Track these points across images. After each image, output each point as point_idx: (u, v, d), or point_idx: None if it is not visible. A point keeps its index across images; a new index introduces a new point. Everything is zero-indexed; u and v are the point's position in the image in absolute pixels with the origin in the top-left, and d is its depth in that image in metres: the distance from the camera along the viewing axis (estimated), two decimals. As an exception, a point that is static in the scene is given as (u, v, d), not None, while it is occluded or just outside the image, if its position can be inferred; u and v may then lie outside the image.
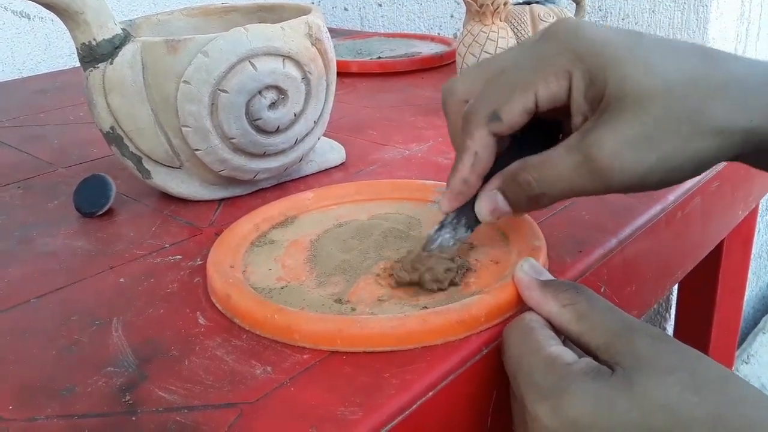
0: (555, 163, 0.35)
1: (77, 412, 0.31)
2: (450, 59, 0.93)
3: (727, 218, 0.63)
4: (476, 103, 0.37)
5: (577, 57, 0.34)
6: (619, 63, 0.33)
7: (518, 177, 0.36)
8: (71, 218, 0.52)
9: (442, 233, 0.40)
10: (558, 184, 0.35)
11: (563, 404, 0.30)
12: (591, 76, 0.33)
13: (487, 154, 0.37)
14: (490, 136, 0.36)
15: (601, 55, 0.33)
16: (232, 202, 0.54)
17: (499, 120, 0.36)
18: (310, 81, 0.51)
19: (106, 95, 0.49)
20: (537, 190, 0.36)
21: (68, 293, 0.42)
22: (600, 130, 0.33)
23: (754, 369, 1.27)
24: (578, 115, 0.35)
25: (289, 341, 0.35)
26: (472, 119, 0.37)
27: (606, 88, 0.33)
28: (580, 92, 0.34)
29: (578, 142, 0.34)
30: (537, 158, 0.36)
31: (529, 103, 0.35)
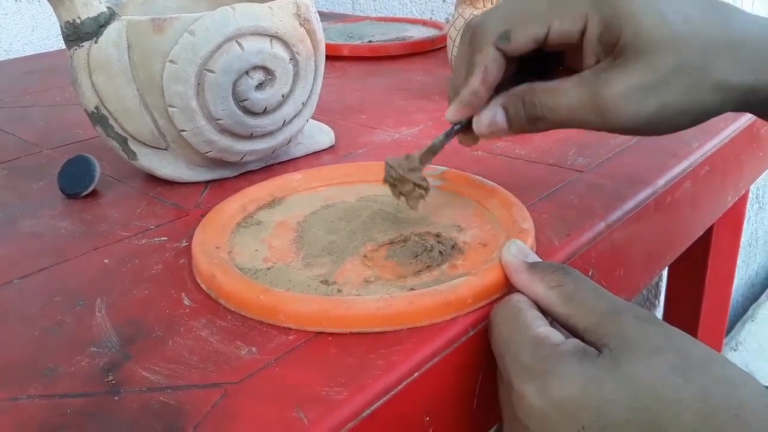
0: (563, 92, 0.37)
1: (60, 392, 0.31)
2: (442, 43, 0.93)
3: (716, 204, 0.63)
4: (488, 21, 0.38)
5: (596, 2, 0.36)
6: (636, 14, 0.35)
7: (525, 96, 0.38)
8: (56, 199, 0.52)
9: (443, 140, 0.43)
10: (560, 111, 0.37)
11: (550, 385, 0.29)
12: (607, 23, 0.36)
13: (496, 68, 0.39)
14: (497, 53, 0.38)
15: (619, 5, 0.35)
16: (219, 184, 0.53)
17: (507, 40, 0.37)
18: (299, 62, 0.51)
19: (90, 74, 0.48)
20: (539, 113, 0.38)
21: (52, 274, 0.41)
22: (612, 71, 0.36)
23: (742, 356, 1.28)
24: (591, 55, 0.37)
25: (275, 322, 0.35)
26: (482, 37, 0.38)
27: (621, 35, 0.35)
28: (594, 35, 0.36)
29: (590, 80, 0.36)
30: (546, 84, 0.38)
31: (541, 34, 0.37)
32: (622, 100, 0.35)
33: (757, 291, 1.52)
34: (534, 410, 0.30)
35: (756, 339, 1.32)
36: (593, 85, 0.36)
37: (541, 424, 0.30)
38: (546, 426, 0.29)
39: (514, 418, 0.32)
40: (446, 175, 0.49)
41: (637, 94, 0.35)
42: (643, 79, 0.35)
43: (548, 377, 0.30)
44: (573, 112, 0.37)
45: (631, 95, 0.35)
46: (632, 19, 0.35)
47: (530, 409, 0.30)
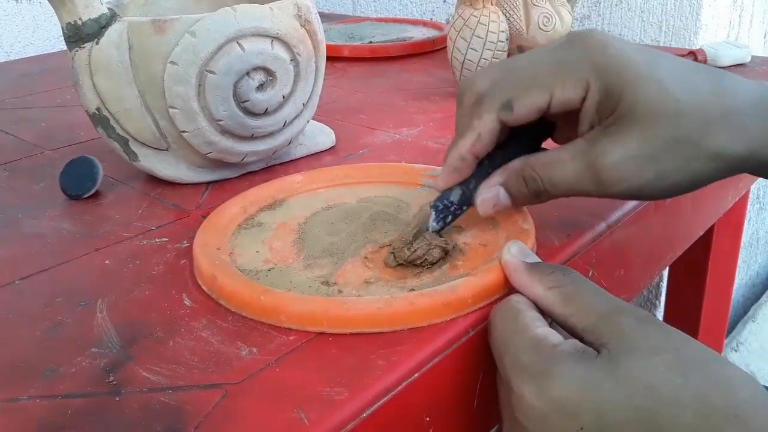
0: (561, 165, 0.37)
1: (61, 393, 0.31)
2: (442, 44, 0.93)
3: (716, 204, 0.63)
4: (493, 89, 0.38)
5: (599, 70, 0.35)
6: (637, 82, 0.35)
7: (524, 173, 0.38)
8: (57, 200, 0.52)
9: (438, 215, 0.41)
10: (561, 185, 0.37)
11: (549, 385, 0.30)
12: (607, 91, 0.35)
13: (489, 138, 0.38)
14: (497, 123, 0.38)
15: (621, 73, 0.35)
16: (220, 185, 0.54)
17: (510, 110, 0.37)
18: (299, 62, 0.51)
19: (92, 76, 0.48)
20: (542, 187, 0.38)
21: (53, 274, 0.42)
22: (607, 141, 0.35)
23: (743, 356, 1.28)
24: (586, 122, 0.37)
25: (276, 322, 0.35)
26: (485, 102, 0.38)
27: (619, 103, 0.35)
28: (593, 103, 0.36)
29: (585, 150, 0.36)
30: (543, 157, 0.38)
31: (543, 102, 0.36)
32: (618, 170, 0.35)
33: (758, 291, 1.52)
34: (533, 411, 0.30)
35: (757, 339, 1.32)
36: (589, 156, 0.36)
37: (540, 424, 0.30)
38: (545, 427, 0.30)
39: (513, 419, 0.32)
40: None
41: (633, 163, 0.35)
42: (640, 150, 0.35)
43: (547, 377, 0.30)
44: (573, 184, 0.37)
45: (628, 165, 0.35)
46: (632, 87, 0.35)
47: (530, 410, 0.30)
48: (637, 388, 0.28)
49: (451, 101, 0.71)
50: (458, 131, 0.40)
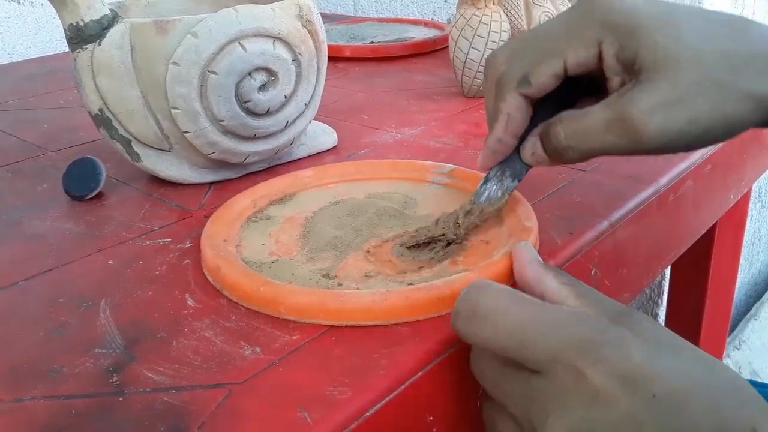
0: (588, 118, 0.37)
1: (64, 393, 0.31)
2: (443, 44, 0.93)
3: (719, 202, 0.63)
4: (507, 69, 0.39)
5: (606, 26, 0.36)
6: (650, 30, 0.35)
7: (550, 128, 0.38)
8: (60, 201, 0.52)
9: (489, 186, 0.42)
10: (586, 139, 0.37)
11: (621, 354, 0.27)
12: (621, 42, 0.36)
13: (521, 115, 0.39)
14: (522, 98, 0.39)
15: (631, 23, 0.35)
16: (222, 185, 0.54)
17: (528, 84, 0.38)
18: (301, 63, 0.51)
19: (94, 77, 0.48)
20: (564, 143, 0.38)
21: (56, 275, 0.42)
22: (635, 91, 0.35)
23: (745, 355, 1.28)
24: (614, 76, 0.37)
25: (274, 314, 0.36)
26: (504, 83, 0.39)
27: (638, 53, 0.35)
28: (611, 56, 0.36)
29: (614, 101, 0.36)
30: (572, 112, 0.38)
31: (558, 69, 0.37)
32: (648, 116, 0.35)
33: (760, 289, 1.52)
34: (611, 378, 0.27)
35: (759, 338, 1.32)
36: (618, 106, 0.35)
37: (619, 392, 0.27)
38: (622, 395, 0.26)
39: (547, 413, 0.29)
40: (454, 173, 0.49)
41: (663, 110, 0.34)
42: (668, 95, 0.34)
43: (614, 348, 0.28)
44: (602, 138, 0.36)
45: (658, 111, 0.34)
46: (647, 36, 0.35)
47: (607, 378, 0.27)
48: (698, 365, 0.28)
49: (453, 101, 0.71)
50: (488, 110, 0.42)
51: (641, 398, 0.26)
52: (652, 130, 0.35)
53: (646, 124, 0.35)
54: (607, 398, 0.27)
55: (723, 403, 0.26)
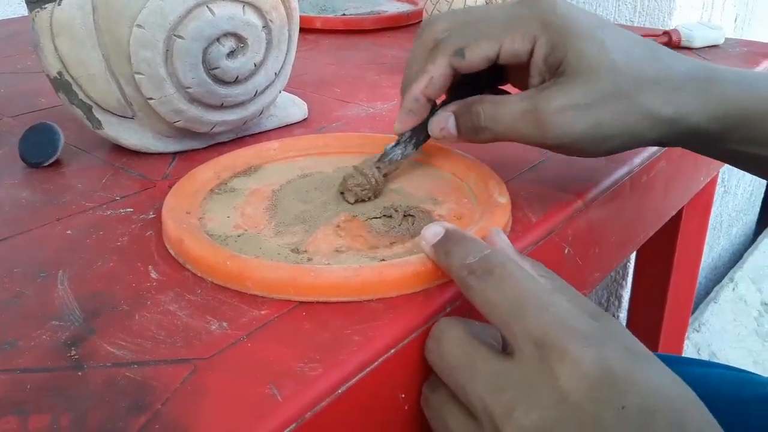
0: (507, 105, 0.40)
1: (19, 366, 0.30)
2: (416, 19, 0.91)
3: (689, 184, 0.63)
4: (447, 37, 0.41)
5: (545, 26, 0.39)
6: (580, 38, 0.38)
7: (472, 107, 0.41)
8: (16, 168, 0.49)
9: (395, 149, 0.44)
10: (502, 122, 0.40)
11: (608, 354, 0.28)
12: (553, 44, 0.38)
13: (441, 81, 0.40)
14: (449, 68, 0.40)
15: (566, 29, 0.38)
16: (188, 155, 0.52)
17: (462, 56, 0.40)
18: (272, 30, 0.49)
19: (53, 38, 0.46)
20: (483, 123, 0.40)
21: (11, 244, 0.40)
22: (552, 89, 0.38)
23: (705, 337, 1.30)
24: (537, 75, 0.40)
25: (242, 289, 0.34)
26: (440, 48, 0.40)
27: (565, 57, 0.38)
28: (541, 56, 0.39)
29: (533, 95, 0.39)
30: (494, 97, 0.41)
31: (492, 52, 0.39)
32: (558, 115, 0.38)
33: (720, 273, 1.55)
34: (585, 380, 0.27)
35: (718, 320, 1.34)
36: (534, 100, 0.39)
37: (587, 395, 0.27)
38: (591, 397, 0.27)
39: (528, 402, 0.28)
40: (425, 148, 0.48)
41: (572, 111, 0.38)
42: (579, 99, 0.38)
43: (605, 346, 0.28)
44: (513, 124, 0.39)
45: (567, 112, 0.38)
46: (576, 44, 0.38)
47: (582, 379, 0.27)
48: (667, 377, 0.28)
49: (425, 76, 0.70)
50: (409, 68, 0.43)
51: (610, 407, 0.27)
52: (557, 126, 0.38)
53: (553, 119, 0.38)
54: (575, 401, 0.27)
55: (688, 424, 0.27)
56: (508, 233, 0.40)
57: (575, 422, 0.27)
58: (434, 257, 0.34)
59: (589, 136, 0.38)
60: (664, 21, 0.90)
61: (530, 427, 0.28)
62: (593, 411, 0.27)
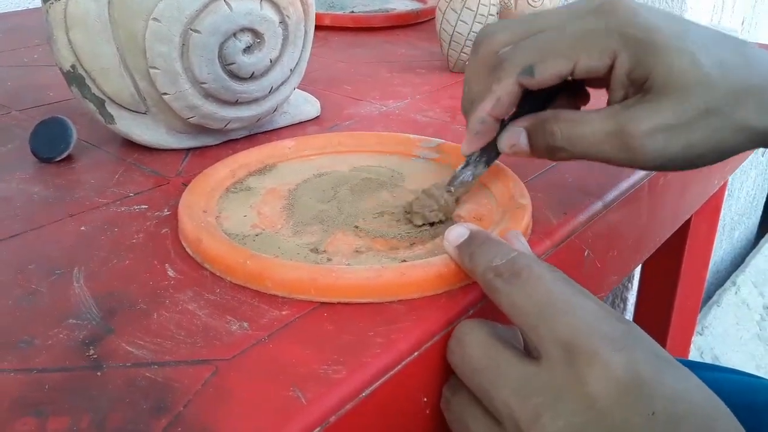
0: (588, 123, 0.36)
1: (37, 366, 0.29)
2: (425, 17, 0.91)
3: (704, 188, 0.63)
4: (514, 53, 0.37)
5: (626, 40, 0.35)
6: (668, 51, 0.34)
7: (546, 124, 0.37)
8: (27, 163, 0.49)
9: (465, 171, 0.41)
10: (581, 144, 0.36)
11: (638, 358, 0.27)
12: (637, 60, 0.35)
13: (509, 101, 0.38)
14: (517, 86, 0.37)
15: (651, 42, 0.34)
16: (201, 152, 0.51)
17: (531, 75, 0.36)
18: (288, 26, 0.48)
19: (67, 31, 0.45)
20: (558, 143, 0.37)
21: (24, 240, 0.39)
22: (640, 108, 0.35)
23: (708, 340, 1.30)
24: (620, 89, 0.36)
25: (261, 289, 0.34)
26: (505, 66, 0.37)
27: (652, 72, 0.34)
28: (623, 72, 0.35)
29: (617, 113, 0.35)
30: (571, 114, 0.37)
31: (566, 69, 0.36)
32: (648, 138, 0.35)
33: (722, 277, 1.55)
34: (614, 384, 0.27)
35: (721, 324, 1.34)
36: (620, 120, 0.35)
37: (615, 401, 0.27)
38: (620, 404, 0.27)
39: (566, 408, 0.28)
40: (442, 148, 0.47)
41: (664, 133, 0.35)
42: (672, 119, 0.34)
43: (635, 351, 0.28)
44: (596, 145, 0.36)
45: (659, 134, 0.35)
46: (664, 58, 0.34)
47: (610, 383, 0.27)
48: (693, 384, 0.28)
49: (438, 75, 0.70)
50: (470, 87, 0.40)
51: (640, 413, 0.26)
52: (650, 151, 0.35)
53: (644, 144, 0.35)
54: (604, 406, 0.27)
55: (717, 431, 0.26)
56: (529, 235, 0.39)
57: (603, 428, 0.27)
58: (458, 259, 0.34)
59: (681, 156, 0.35)
60: (675, 23, 0.90)
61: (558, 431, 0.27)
62: (622, 417, 0.26)
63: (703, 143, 0.35)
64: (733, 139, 0.35)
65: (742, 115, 0.35)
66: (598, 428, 0.27)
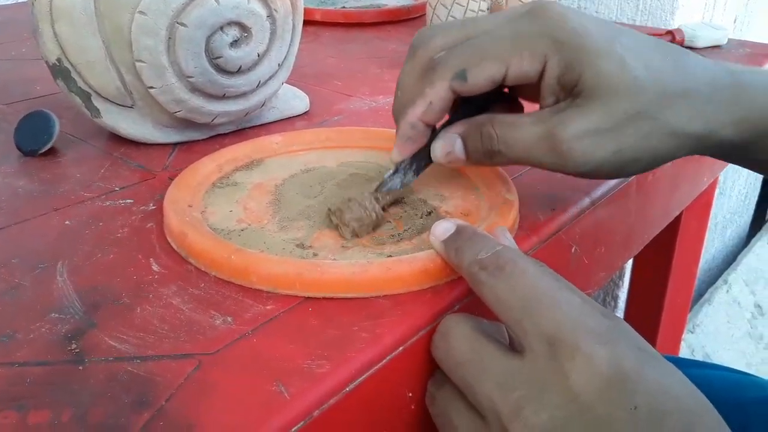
0: (521, 127, 0.36)
1: (18, 360, 0.29)
2: (416, 13, 0.91)
3: (693, 185, 0.63)
4: (446, 58, 0.36)
5: (557, 44, 0.35)
6: (597, 56, 0.34)
7: (483, 128, 0.37)
8: (11, 157, 0.48)
9: (394, 178, 0.40)
10: (516, 148, 0.36)
11: (621, 353, 0.27)
12: (567, 63, 0.34)
13: (440, 107, 0.37)
14: (449, 92, 0.36)
15: (580, 46, 0.34)
16: (188, 146, 0.51)
17: (464, 80, 0.36)
18: (276, 20, 0.48)
19: (53, 23, 0.45)
20: (496, 147, 0.36)
21: (8, 234, 0.39)
22: (569, 112, 0.35)
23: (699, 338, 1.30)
24: (550, 96, 0.36)
25: (246, 284, 0.33)
26: (438, 70, 0.36)
27: (581, 76, 0.34)
28: (554, 76, 0.35)
29: (547, 118, 0.35)
30: (507, 117, 0.37)
31: (498, 74, 0.35)
32: (577, 142, 0.34)
33: (714, 275, 1.55)
34: (597, 378, 0.27)
35: (713, 322, 1.34)
36: (550, 125, 0.35)
37: (598, 395, 0.27)
38: (602, 399, 0.27)
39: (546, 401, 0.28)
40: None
41: (592, 137, 0.34)
42: (600, 123, 0.34)
43: (619, 345, 0.27)
44: (528, 150, 0.36)
45: (587, 138, 0.34)
46: (592, 62, 0.34)
47: (594, 377, 0.27)
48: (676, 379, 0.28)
49: (427, 71, 0.69)
50: (403, 90, 0.38)
51: (623, 408, 0.26)
52: (578, 155, 0.35)
53: (572, 148, 0.34)
54: (586, 400, 0.27)
55: (698, 427, 0.26)
56: (516, 231, 0.39)
57: (585, 422, 0.27)
58: (444, 253, 0.33)
59: (610, 162, 0.35)
60: (666, 20, 0.90)
61: (539, 426, 0.27)
62: (604, 411, 0.26)
63: (633, 148, 0.35)
64: (664, 144, 0.35)
65: (672, 120, 0.35)
66: (581, 422, 0.27)
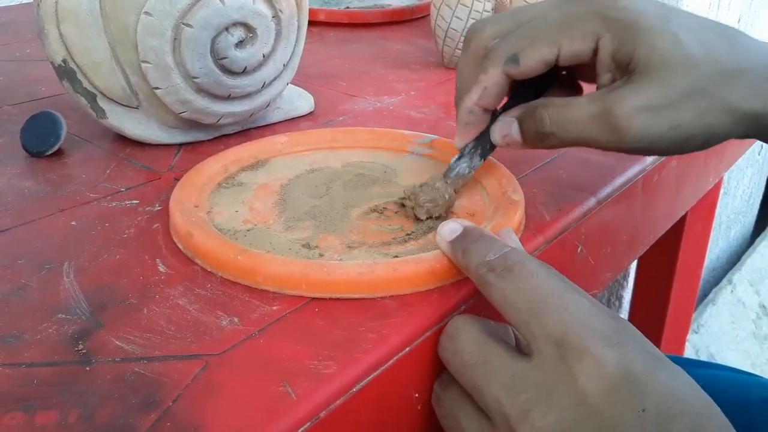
0: (574, 108, 0.36)
1: (25, 361, 0.29)
2: (420, 13, 0.91)
3: (699, 185, 0.63)
4: (499, 45, 0.38)
5: (608, 21, 0.35)
6: (650, 32, 0.35)
7: (536, 111, 0.38)
8: (18, 157, 0.48)
9: (460, 163, 0.41)
10: (570, 128, 0.36)
11: (629, 356, 0.27)
12: (620, 40, 0.35)
13: (495, 91, 0.38)
14: (503, 76, 0.38)
15: (632, 22, 0.35)
16: (193, 147, 0.51)
17: (516, 63, 0.37)
18: (281, 20, 0.48)
19: (58, 24, 0.45)
20: (548, 129, 0.37)
21: (14, 235, 0.39)
22: (625, 89, 0.35)
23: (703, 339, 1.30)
24: (606, 73, 0.37)
25: (252, 284, 0.33)
26: (491, 56, 0.38)
27: (634, 52, 0.35)
28: (608, 53, 0.36)
29: (603, 95, 0.36)
30: (560, 100, 0.37)
31: (550, 55, 0.36)
32: (633, 118, 0.35)
33: (718, 275, 1.55)
34: (606, 379, 0.27)
35: (717, 322, 1.34)
36: (605, 102, 0.35)
37: (605, 398, 0.27)
38: (610, 401, 0.26)
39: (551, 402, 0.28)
40: (436, 144, 0.47)
41: (649, 112, 0.35)
42: (656, 98, 0.34)
43: (627, 348, 0.27)
44: (583, 128, 0.36)
45: (643, 113, 0.35)
46: (646, 38, 0.34)
47: (602, 379, 0.27)
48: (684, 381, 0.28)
49: (433, 71, 0.69)
50: (461, 80, 0.40)
51: (631, 410, 0.26)
52: (635, 130, 0.35)
53: (629, 123, 0.35)
54: (594, 403, 0.26)
55: (707, 429, 0.26)
56: (522, 231, 0.39)
57: (593, 425, 0.27)
58: (451, 254, 0.33)
59: (668, 138, 0.35)
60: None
61: (547, 429, 0.27)
62: (612, 413, 0.26)
63: (690, 124, 0.35)
64: (720, 121, 0.35)
65: (729, 96, 0.35)
66: (588, 424, 0.27)
